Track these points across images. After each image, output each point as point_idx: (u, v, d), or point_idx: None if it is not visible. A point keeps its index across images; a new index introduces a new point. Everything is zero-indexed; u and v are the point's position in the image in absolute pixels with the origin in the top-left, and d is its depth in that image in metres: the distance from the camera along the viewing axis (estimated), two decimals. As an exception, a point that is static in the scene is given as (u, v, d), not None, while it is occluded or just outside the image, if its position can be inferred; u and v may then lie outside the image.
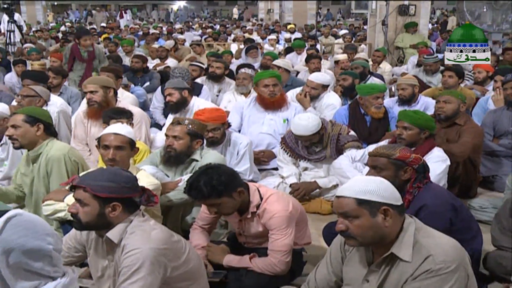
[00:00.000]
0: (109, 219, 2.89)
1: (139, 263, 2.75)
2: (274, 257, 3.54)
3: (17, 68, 9.95)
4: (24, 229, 2.11)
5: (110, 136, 3.98)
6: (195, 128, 4.55)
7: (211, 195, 3.45)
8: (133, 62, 9.57)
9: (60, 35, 19.61)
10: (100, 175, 2.92)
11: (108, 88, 5.73)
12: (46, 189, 4.34)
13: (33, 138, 4.32)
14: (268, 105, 6.46)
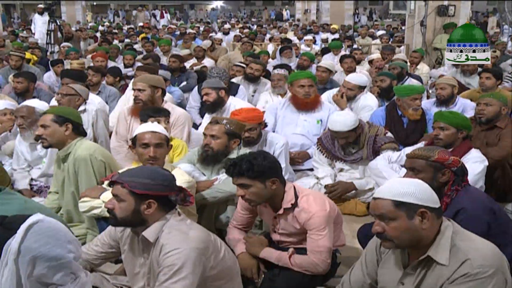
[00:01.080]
0: (144, 216, 2.92)
1: (181, 262, 2.78)
2: (315, 257, 3.53)
3: (56, 68, 10.12)
4: (46, 237, 2.12)
5: (148, 134, 4.02)
6: (233, 127, 4.56)
7: (247, 173, 3.46)
8: (170, 62, 9.65)
9: (99, 34, 19.82)
10: (139, 172, 2.97)
11: (156, 88, 5.76)
12: (76, 188, 4.39)
13: (61, 138, 4.37)
14: (301, 105, 6.44)
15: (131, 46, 13.88)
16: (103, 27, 24.48)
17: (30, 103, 5.49)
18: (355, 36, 19.28)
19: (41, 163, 5.55)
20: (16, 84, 7.48)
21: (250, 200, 3.58)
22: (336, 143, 5.52)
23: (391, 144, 5.42)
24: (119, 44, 15.47)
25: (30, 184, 5.55)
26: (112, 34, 19.13)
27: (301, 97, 6.39)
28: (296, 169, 6.14)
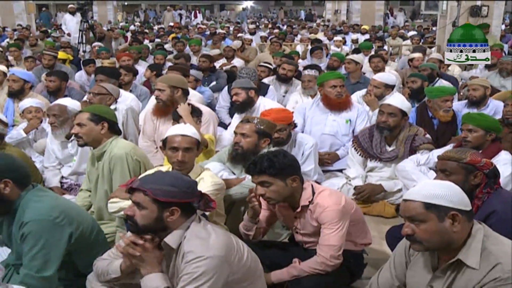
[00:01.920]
0: (166, 224, 2.91)
1: (201, 271, 2.77)
2: (324, 251, 3.50)
3: (87, 68, 10.23)
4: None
5: (178, 137, 3.98)
6: (263, 127, 4.56)
7: (268, 170, 3.47)
8: (200, 62, 9.68)
9: (130, 34, 19.96)
10: (161, 179, 2.92)
11: (176, 88, 5.76)
12: (109, 186, 4.40)
13: (97, 136, 4.39)
14: (333, 106, 6.42)
15: (161, 46, 13.96)
16: (134, 27, 24.65)
17: (62, 101, 5.55)
18: (385, 36, 19.15)
19: (72, 161, 5.61)
20: (49, 83, 7.57)
21: (270, 198, 3.57)
22: (374, 140, 5.50)
23: (429, 145, 5.38)
24: (149, 44, 15.57)
25: (61, 182, 5.63)
26: (142, 34, 19.25)
27: (333, 97, 6.36)
28: (324, 169, 6.13)
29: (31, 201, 3.28)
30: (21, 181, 3.32)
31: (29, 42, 15.76)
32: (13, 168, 3.30)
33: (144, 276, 2.91)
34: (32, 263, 3.15)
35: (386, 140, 5.52)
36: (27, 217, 3.20)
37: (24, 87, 7.15)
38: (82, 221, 3.46)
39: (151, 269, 2.91)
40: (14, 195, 3.28)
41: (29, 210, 3.23)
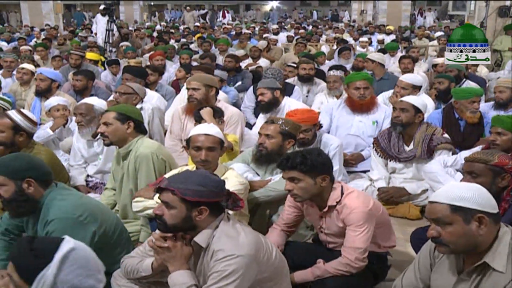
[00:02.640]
0: (195, 223, 2.92)
1: (231, 269, 2.78)
2: (349, 253, 3.48)
3: (111, 69, 10.32)
4: (79, 268, 2.11)
5: (201, 137, 4.00)
6: (288, 128, 4.55)
7: (299, 166, 3.46)
8: (226, 62, 9.70)
9: (156, 34, 20.08)
10: (189, 179, 2.93)
11: (211, 87, 5.81)
12: (134, 186, 4.43)
13: (123, 136, 4.41)
14: (356, 107, 6.40)
15: (187, 45, 14.02)
16: (160, 27, 24.79)
17: (88, 100, 5.59)
18: (411, 37, 19.02)
19: (98, 160, 5.65)
20: (75, 82, 7.65)
21: (297, 195, 3.57)
22: (392, 140, 5.47)
23: (447, 145, 5.33)
24: (175, 43, 15.63)
25: (86, 180, 5.67)
26: (168, 34, 19.34)
27: (356, 99, 6.35)
28: (349, 170, 6.11)
29: (55, 200, 3.31)
30: (43, 179, 3.36)
31: (57, 42, 15.92)
32: (34, 167, 3.34)
33: (172, 273, 2.93)
34: None
35: (403, 140, 5.49)
36: (52, 215, 3.24)
37: (51, 86, 7.22)
38: (105, 220, 3.50)
39: (178, 266, 2.92)
40: (37, 194, 3.32)
41: (54, 209, 3.27)
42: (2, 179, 3.25)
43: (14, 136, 4.67)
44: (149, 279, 3.23)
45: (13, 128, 4.66)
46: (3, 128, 4.64)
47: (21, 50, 12.57)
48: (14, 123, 4.67)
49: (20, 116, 4.73)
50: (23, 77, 8.30)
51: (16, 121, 4.68)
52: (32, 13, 26.28)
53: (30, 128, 4.77)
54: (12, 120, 4.68)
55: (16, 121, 4.68)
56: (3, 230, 3.68)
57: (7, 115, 4.73)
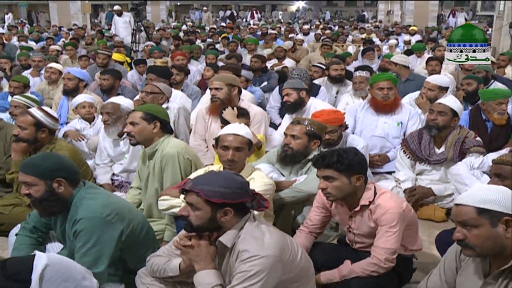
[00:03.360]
0: (220, 223, 2.93)
1: (255, 270, 2.79)
2: (379, 254, 3.47)
3: (138, 68, 10.38)
4: (63, 281, 2.07)
5: (230, 137, 4.00)
6: (314, 128, 4.54)
7: (335, 164, 3.46)
8: (252, 62, 9.71)
9: (182, 34, 20.17)
10: (213, 180, 2.93)
11: (233, 86, 5.81)
12: (160, 185, 4.44)
13: (149, 135, 4.43)
14: (380, 108, 6.36)
15: (213, 45, 14.06)
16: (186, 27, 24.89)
17: (115, 100, 5.64)
18: (439, 38, 18.87)
19: (123, 159, 5.68)
20: (102, 81, 7.71)
21: (330, 194, 3.56)
22: (422, 142, 5.43)
23: (479, 148, 5.28)
24: (201, 43, 15.68)
25: (112, 179, 5.71)
26: (194, 34, 19.41)
27: (379, 99, 6.31)
28: (374, 171, 6.08)
29: (84, 199, 3.34)
30: (72, 179, 3.39)
31: (85, 41, 16.06)
32: (64, 167, 3.37)
33: (198, 272, 2.95)
34: (84, 259, 3.20)
35: (435, 143, 5.44)
36: (80, 214, 3.27)
37: (78, 85, 7.30)
38: (133, 219, 3.52)
39: (204, 266, 2.94)
40: (67, 193, 3.35)
41: (82, 208, 3.30)
42: (32, 179, 3.28)
43: (37, 133, 4.76)
44: (175, 278, 3.26)
45: (35, 125, 4.75)
46: (25, 125, 4.73)
47: (49, 49, 12.70)
48: (36, 120, 4.76)
49: (41, 113, 4.81)
50: (51, 76, 8.39)
51: (37, 118, 4.76)
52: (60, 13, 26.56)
53: (52, 125, 4.85)
54: (33, 117, 4.76)
55: (37, 118, 4.76)
56: (31, 228, 3.71)
57: (29, 113, 4.81)
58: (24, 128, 4.71)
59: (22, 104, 5.90)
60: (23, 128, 4.72)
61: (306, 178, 4.45)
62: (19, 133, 4.73)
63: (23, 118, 4.76)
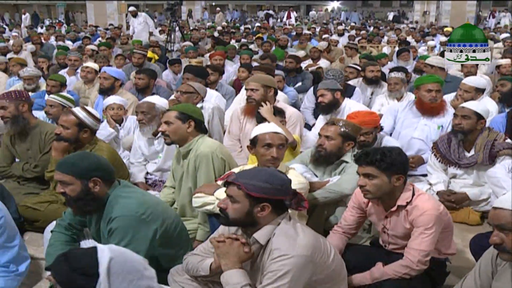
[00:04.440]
0: (256, 219, 2.94)
1: (285, 269, 2.79)
2: (412, 255, 3.45)
3: (173, 68, 10.45)
4: (128, 273, 2.10)
5: (271, 135, 4.03)
6: (348, 130, 4.53)
7: (378, 162, 3.46)
8: (287, 62, 9.71)
9: (216, 34, 20.25)
10: (256, 175, 2.97)
11: (269, 88, 5.81)
12: (194, 184, 4.46)
13: (184, 135, 4.45)
14: (426, 110, 6.27)
15: (247, 46, 14.08)
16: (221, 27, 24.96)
17: (150, 99, 5.69)
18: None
19: (157, 158, 5.74)
20: (138, 81, 7.78)
21: (368, 191, 3.55)
22: (452, 146, 5.37)
23: (509, 150, 5.20)
24: (235, 43, 15.73)
25: (145, 178, 5.76)
26: (229, 34, 19.48)
27: (427, 101, 6.22)
28: (408, 173, 6.00)
29: (119, 197, 3.38)
30: (108, 178, 3.42)
31: (120, 41, 16.22)
32: (100, 166, 3.40)
33: (224, 272, 2.95)
34: None
35: (464, 146, 5.37)
36: (115, 212, 3.30)
37: (114, 84, 7.38)
38: (167, 218, 3.55)
39: (231, 265, 2.94)
40: (102, 192, 3.38)
41: (117, 206, 3.33)
42: (69, 178, 3.31)
43: (78, 133, 4.77)
44: (207, 278, 3.28)
45: (77, 125, 4.76)
46: (68, 124, 4.75)
47: (85, 49, 12.85)
48: (79, 119, 4.77)
49: (84, 113, 4.83)
50: (87, 76, 8.50)
51: (80, 118, 4.78)
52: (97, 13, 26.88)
53: (93, 125, 4.87)
54: (76, 117, 4.78)
55: (80, 118, 4.78)
56: (66, 225, 3.76)
57: (72, 112, 4.83)
58: (67, 128, 4.74)
59: (58, 103, 5.95)
60: (66, 128, 4.74)
61: (340, 179, 4.44)
62: (61, 132, 4.76)
63: (66, 118, 4.78)
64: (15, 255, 3.72)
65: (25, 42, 16.69)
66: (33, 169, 5.39)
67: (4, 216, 3.64)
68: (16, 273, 3.71)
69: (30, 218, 4.91)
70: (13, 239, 3.75)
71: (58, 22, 33.23)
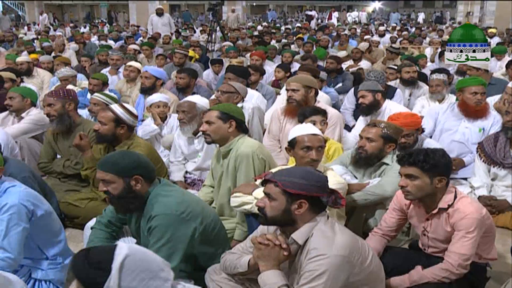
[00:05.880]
0: (294, 217, 2.94)
1: (322, 269, 2.78)
2: (453, 259, 3.41)
3: (214, 68, 10.51)
4: (141, 272, 2.13)
5: (310, 137, 4.04)
6: (390, 132, 4.51)
7: (420, 163, 3.44)
8: (328, 63, 9.69)
9: (256, 34, 20.27)
10: (293, 172, 2.99)
11: (310, 88, 5.81)
12: (233, 184, 4.47)
13: (225, 134, 4.46)
14: (470, 113, 6.18)
15: (288, 46, 14.05)
16: (262, 27, 24.98)
17: (191, 98, 5.71)
18: (521, 40, 18.31)
19: (197, 157, 5.75)
20: (179, 80, 7.84)
21: (409, 192, 3.53)
22: (498, 145, 5.30)
23: None
24: (276, 44, 15.73)
25: (184, 177, 5.79)
26: (270, 34, 19.49)
27: (472, 104, 6.13)
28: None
29: (159, 196, 3.40)
30: (149, 176, 3.45)
31: (162, 41, 16.36)
32: (141, 164, 3.43)
33: (262, 273, 2.96)
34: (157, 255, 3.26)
35: (511, 145, 5.29)
36: (156, 211, 3.33)
37: (155, 84, 7.46)
38: (206, 216, 3.56)
39: (270, 266, 2.94)
40: (143, 190, 3.42)
41: (158, 204, 3.36)
42: (111, 177, 3.35)
43: (116, 129, 4.87)
44: (245, 275, 3.29)
45: (114, 121, 4.86)
46: (105, 120, 4.85)
47: (128, 49, 13.00)
48: (116, 116, 4.87)
49: (121, 109, 4.92)
50: (130, 75, 8.60)
51: (118, 114, 4.87)
52: (139, 13, 27.18)
53: (131, 121, 4.95)
54: (114, 113, 4.88)
55: (118, 114, 4.87)
56: (106, 222, 3.80)
57: (110, 109, 4.94)
58: (104, 124, 4.84)
59: (101, 102, 6.05)
60: (103, 124, 4.85)
61: (380, 181, 4.41)
62: (99, 128, 4.87)
63: (104, 114, 4.89)
64: (61, 249, 3.86)
65: (69, 42, 16.97)
66: (74, 166, 5.48)
67: (46, 212, 3.73)
68: (62, 264, 3.84)
69: (70, 215, 5.01)
70: (59, 233, 3.88)
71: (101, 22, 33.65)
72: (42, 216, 3.68)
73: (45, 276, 3.77)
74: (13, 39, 18.03)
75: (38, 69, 10.02)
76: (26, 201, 3.58)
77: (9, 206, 3.51)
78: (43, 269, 3.78)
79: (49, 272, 3.78)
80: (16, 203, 3.53)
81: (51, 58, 11.05)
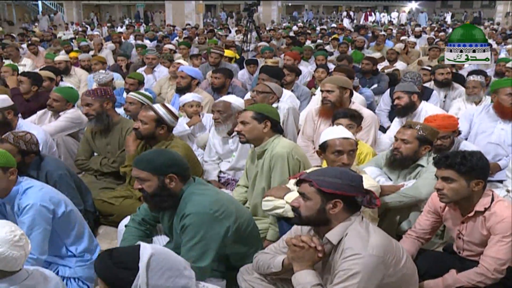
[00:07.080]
0: (328, 216, 2.93)
1: (357, 269, 2.76)
2: (488, 263, 3.36)
3: (249, 68, 10.52)
4: (168, 270, 2.15)
5: (341, 140, 4.00)
6: (426, 133, 4.46)
7: (457, 166, 3.40)
8: (363, 64, 9.63)
9: (292, 34, 20.24)
10: (327, 171, 2.99)
11: (345, 89, 5.79)
12: (267, 184, 4.47)
13: (259, 135, 4.46)
14: (506, 114, 6.08)
15: (322, 46, 14.00)
16: (297, 27, 24.93)
17: (226, 98, 5.73)
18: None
19: (231, 157, 5.77)
20: (214, 80, 7.87)
21: (445, 195, 3.49)
22: None
23: None
24: (311, 44, 15.69)
25: (218, 176, 5.81)
26: (305, 35, 19.44)
27: (508, 105, 6.04)
28: (485, 180, 5.87)
29: (193, 194, 3.42)
30: (183, 175, 3.47)
31: (198, 41, 16.44)
32: (175, 162, 3.45)
33: (296, 272, 2.96)
34: (189, 254, 3.28)
35: None
36: (189, 209, 3.34)
37: (191, 83, 7.49)
38: (239, 216, 3.57)
39: (304, 267, 2.95)
40: (177, 188, 3.44)
41: (191, 203, 3.37)
42: (146, 175, 3.38)
43: (156, 129, 4.88)
44: (278, 275, 3.29)
45: (156, 121, 4.87)
46: (147, 120, 4.86)
47: (163, 48, 13.08)
48: (158, 116, 4.87)
49: (164, 109, 4.92)
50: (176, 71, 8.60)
51: (160, 114, 4.88)
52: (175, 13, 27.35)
53: (171, 122, 4.96)
54: (156, 113, 4.88)
55: (160, 114, 4.88)
56: (140, 220, 3.84)
57: (152, 108, 4.94)
58: (145, 123, 4.85)
59: (137, 101, 6.08)
60: (144, 123, 4.86)
61: (415, 183, 4.37)
62: (139, 127, 4.88)
63: (146, 113, 4.89)
64: (87, 245, 3.90)
65: (106, 41, 17.15)
66: (110, 164, 5.54)
67: (67, 209, 3.79)
68: (90, 261, 3.87)
69: (105, 212, 5.06)
70: (82, 230, 3.93)
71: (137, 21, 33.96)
72: (64, 214, 3.74)
73: (74, 273, 3.82)
74: (51, 38, 18.28)
75: (75, 68, 10.16)
76: (45, 201, 3.64)
77: (29, 208, 3.58)
78: (71, 267, 3.83)
79: (77, 269, 3.83)
80: (36, 204, 3.59)
81: (90, 56, 11.20)
